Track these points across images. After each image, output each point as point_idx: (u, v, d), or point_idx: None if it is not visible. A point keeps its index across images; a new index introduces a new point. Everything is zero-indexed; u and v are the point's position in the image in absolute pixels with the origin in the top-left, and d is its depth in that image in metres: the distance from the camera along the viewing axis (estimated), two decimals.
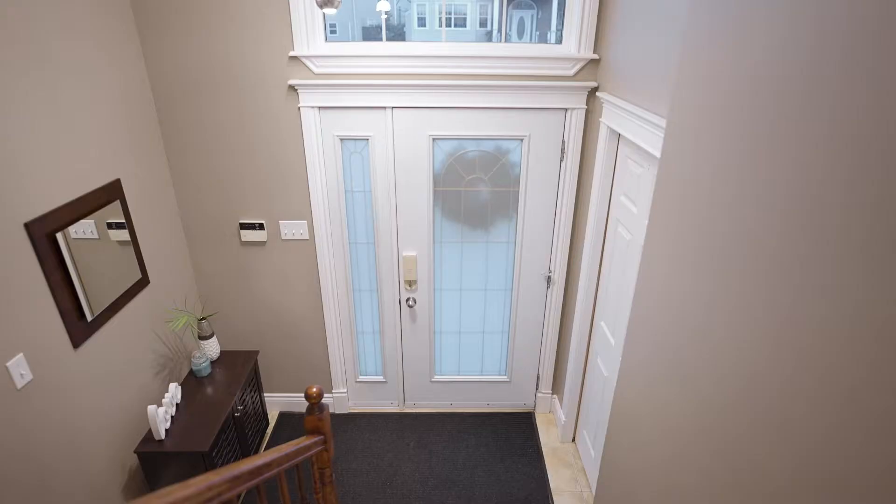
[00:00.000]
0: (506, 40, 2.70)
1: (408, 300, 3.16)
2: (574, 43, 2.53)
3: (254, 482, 1.19)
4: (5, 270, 1.74)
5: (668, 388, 1.48)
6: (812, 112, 0.89)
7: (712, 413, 1.23)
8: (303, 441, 1.66)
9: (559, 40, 2.64)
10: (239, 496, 1.17)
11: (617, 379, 1.99)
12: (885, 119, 0.73)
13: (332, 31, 2.65)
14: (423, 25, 2.79)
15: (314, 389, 1.78)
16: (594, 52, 2.52)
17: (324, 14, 2.53)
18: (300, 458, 1.56)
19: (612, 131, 2.39)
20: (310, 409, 1.80)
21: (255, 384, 3.07)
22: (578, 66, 2.55)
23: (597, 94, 2.55)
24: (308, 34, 2.49)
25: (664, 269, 1.53)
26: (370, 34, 2.71)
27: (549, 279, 3.10)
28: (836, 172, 0.83)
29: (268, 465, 1.28)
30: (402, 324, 3.24)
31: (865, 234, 0.77)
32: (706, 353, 1.26)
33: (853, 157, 0.79)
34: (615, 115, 2.25)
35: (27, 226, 1.82)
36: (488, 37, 2.74)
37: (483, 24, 2.75)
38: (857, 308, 0.79)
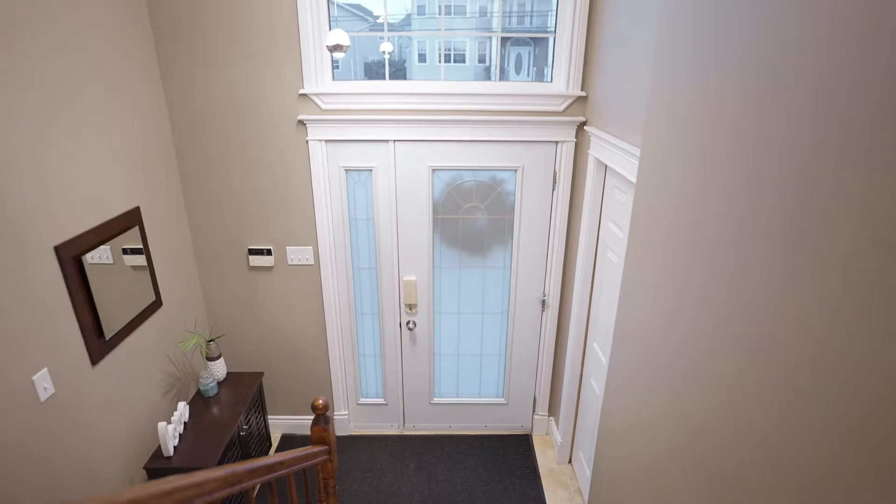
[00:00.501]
0: (503, 76, 2.89)
1: (408, 323, 3.28)
2: (563, 81, 2.73)
3: (269, 477, 1.30)
4: (36, 289, 1.87)
5: (653, 397, 1.59)
6: (775, 125, 1.04)
7: (696, 420, 1.29)
8: (309, 448, 1.76)
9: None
10: (254, 488, 1.27)
11: (605, 384, 2.10)
12: (866, 126, 0.77)
13: (336, 68, 2.84)
14: (424, 61, 2.94)
15: (320, 401, 1.89)
16: (582, 89, 2.72)
17: (332, 55, 2.74)
18: (308, 462, 1.66)
19: (599, 162, 2.56)
20: (316, 420, 1.91)
21: (259, 405, 3.16)
22: (567, 103, 2.75)
23: (584, 127, 2.74)
24: (317, 73, 2.69)
25: (643, 285, 1.67)
26: (372, 70, 2.91)
27: (543, 303, 3.23)
28: (822, 171, 0.85)
29: (280, 464, 1.39)
30: (403, 346, 3.35)
31: (849, 246, 0.80)
32: (689, 363, 1.33)
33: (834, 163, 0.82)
34: (601, 147, 2.43)
35: (56, 249, 1.96)
36: (486, 72, 2.93)
37: (482, 59, 2.93)
38: (833, 316, 0.82)
